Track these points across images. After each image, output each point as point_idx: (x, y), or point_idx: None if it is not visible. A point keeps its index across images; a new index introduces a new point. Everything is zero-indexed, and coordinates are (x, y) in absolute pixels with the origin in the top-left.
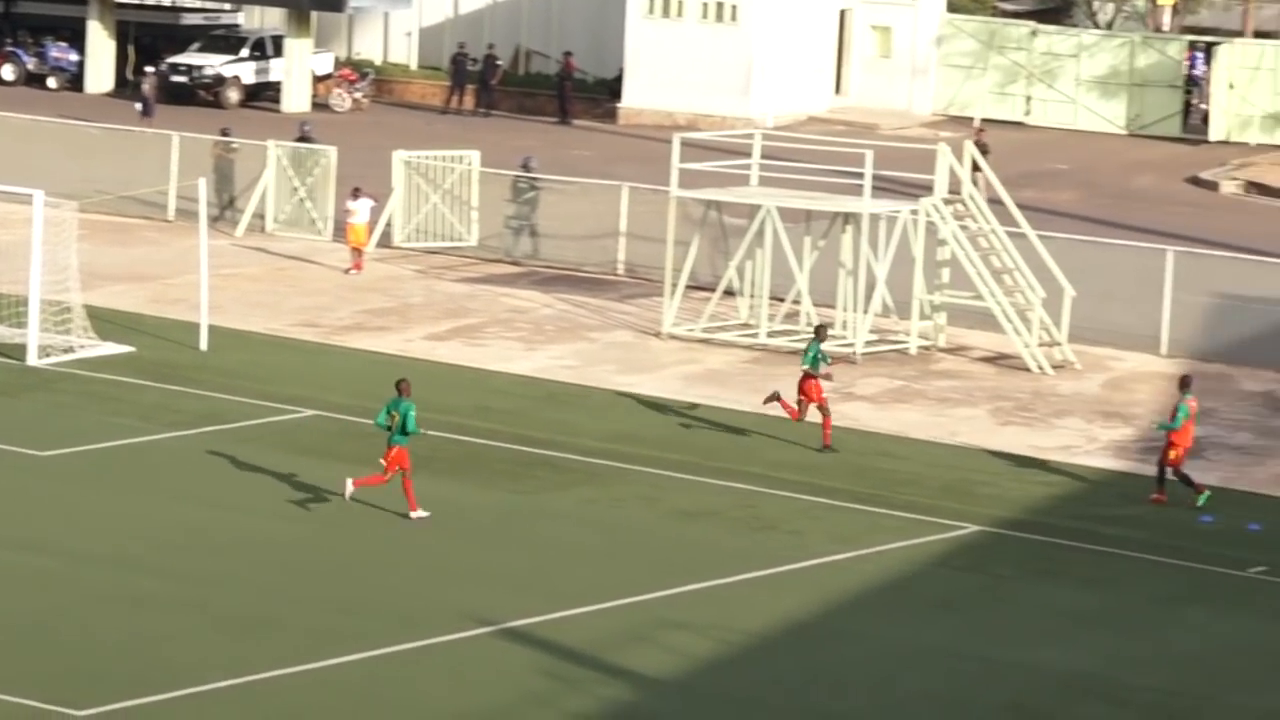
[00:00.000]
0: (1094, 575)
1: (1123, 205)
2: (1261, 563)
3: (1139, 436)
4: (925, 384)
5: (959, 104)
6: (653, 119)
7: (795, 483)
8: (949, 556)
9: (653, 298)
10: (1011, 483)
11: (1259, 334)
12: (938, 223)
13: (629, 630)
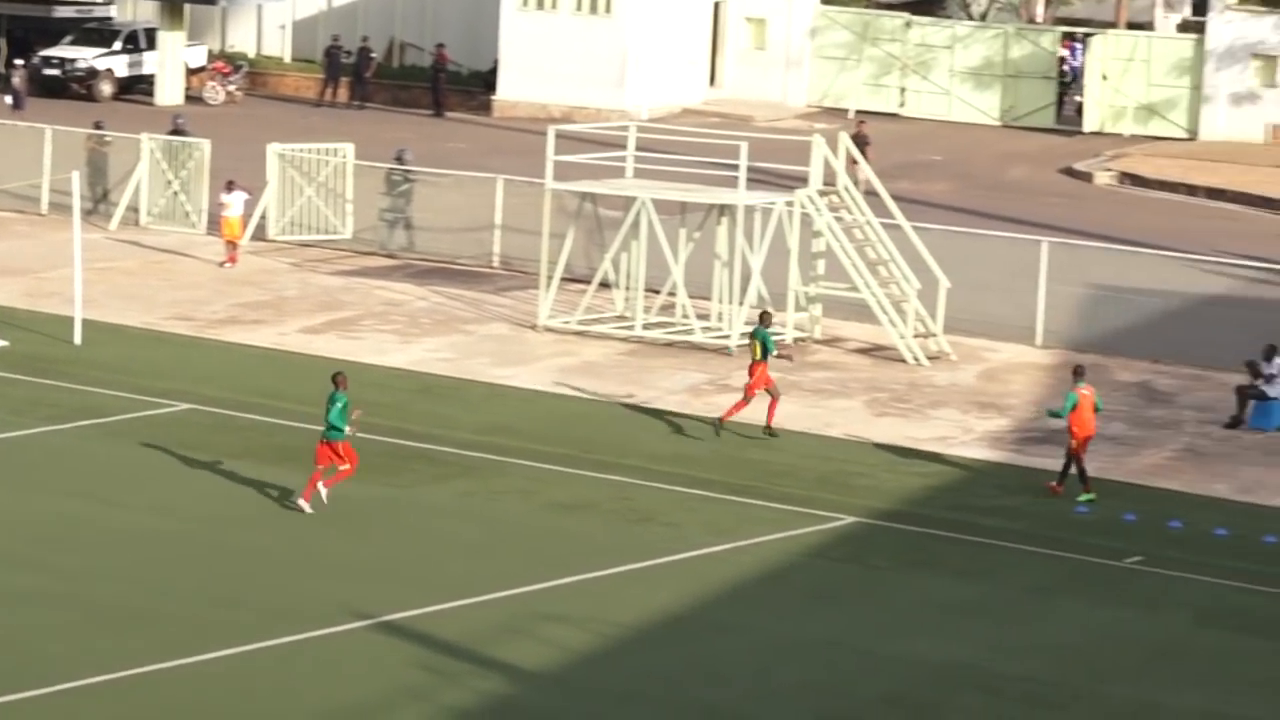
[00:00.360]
0: (970, 566)
1: (997, 196)
2: (1137, 553)
3: (1015, 427)
4: (801, 375)
5: (833, 96)
6: (527, 111)
7: (672, 475)
8: (826, 548)
9: (528, 290)
10: (887, 474)
11: (1133, 325)
12: (813, 214)
13: (505, 623)
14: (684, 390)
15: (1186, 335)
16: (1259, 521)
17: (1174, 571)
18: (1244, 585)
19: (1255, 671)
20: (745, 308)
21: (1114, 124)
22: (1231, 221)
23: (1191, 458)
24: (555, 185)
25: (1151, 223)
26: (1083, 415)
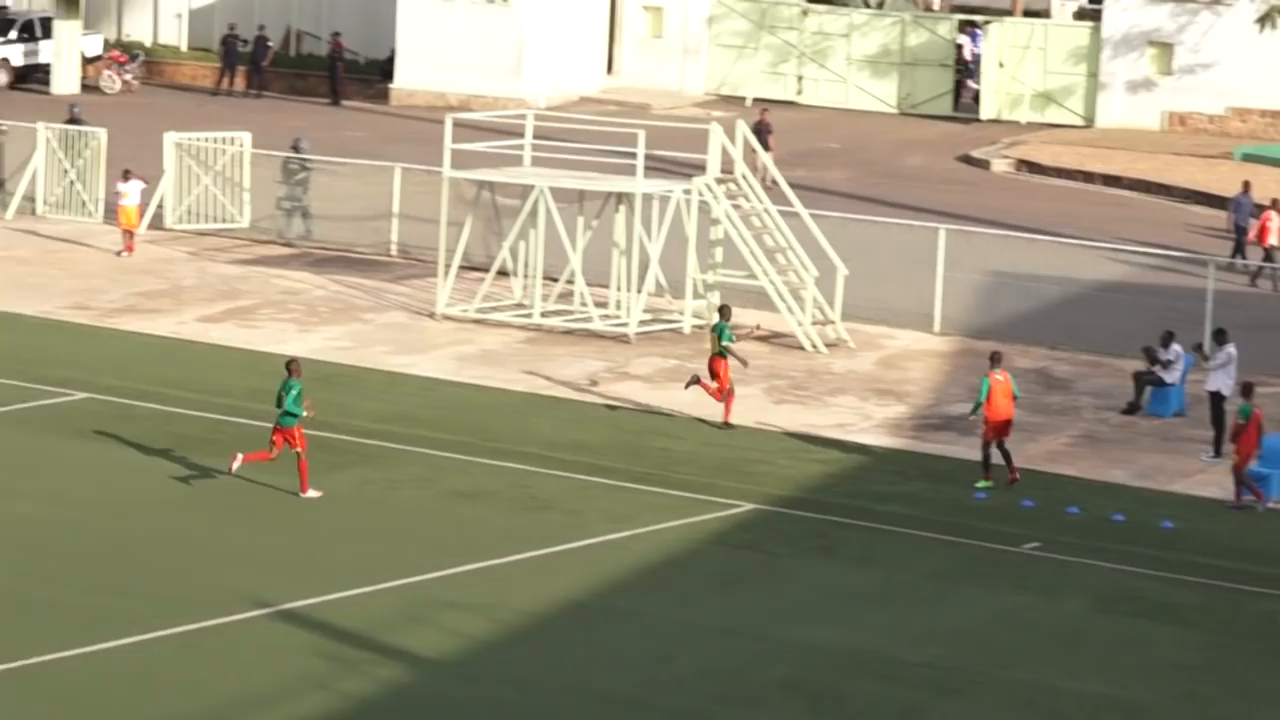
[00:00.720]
0: (869, 552)
1: (895, 184)
2: (1035, 539)
3: (913, 414)
4: (699, 363)
5: (731, 84)
6: (425, 100)
7: (571, 463)
8: (725, 535)
9: (426, 279)
10: (787, 461)
11: (1030, 311)
12: (710, 202)
13: (405, 611)
14: (583, 377)
15: (1084, 321)
16: (1156, 507)
17: (1072, 557)
18: (1141, 570)
19: (1152, 656)
20: (644, 295)
21: (1011, 111)
22: (1127, 208)
23: (1089, 444)
24: (453, 173)
25: (1048, 210)
26: (995, 400)
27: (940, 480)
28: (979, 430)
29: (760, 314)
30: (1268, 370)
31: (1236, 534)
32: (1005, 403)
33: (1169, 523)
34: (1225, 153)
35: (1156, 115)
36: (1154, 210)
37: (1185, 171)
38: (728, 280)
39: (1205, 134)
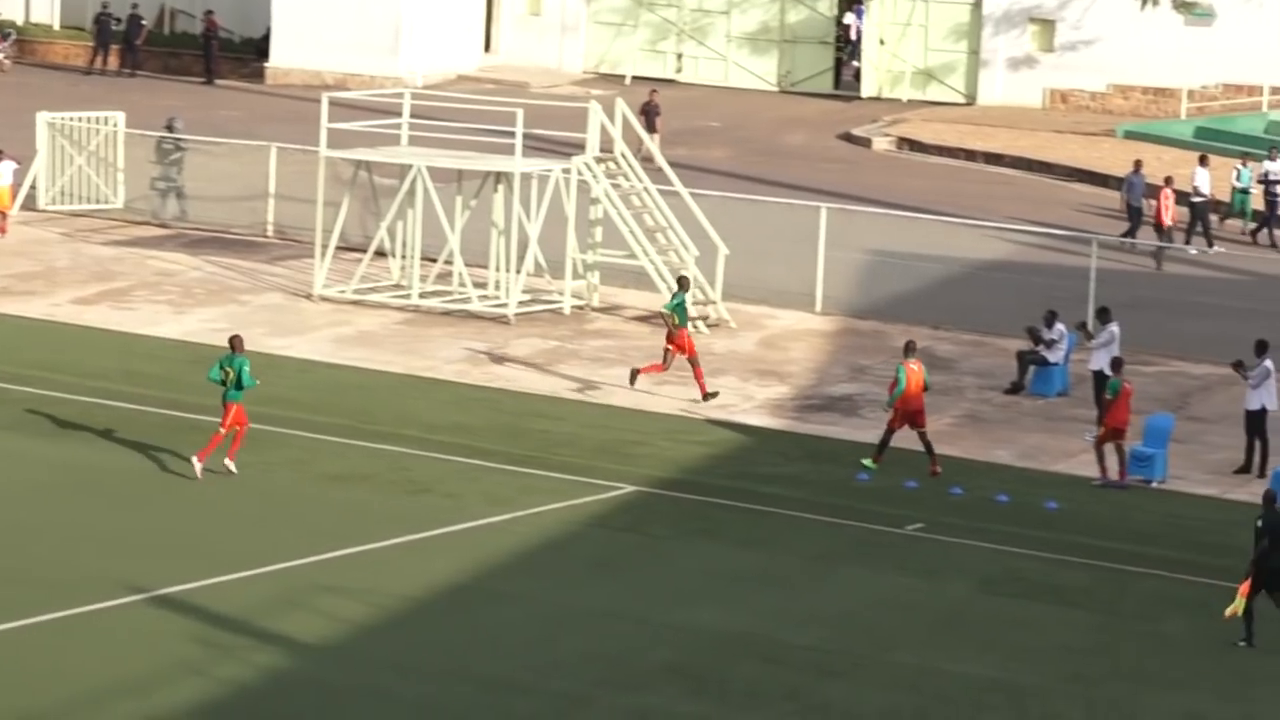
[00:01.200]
0: (751, 535)
1: (775, 162)
2: (919, 520)
3: (795, 394)
4: (580, 344)
5: (610, 62)
6: (301, 78)
7: (450, 445)
8: (606, 517)
9: (303, 259)
10: (668, 442)
11: (913, 291)
12: (590, 181)
13: (282, 596)
14: (462, 359)
15: (966, 301)
16: (1040, 487)
17: (955, 538)
18: (1025, 551)
19: (1037, 638)
20: (523, 276)
21: (892, 89)
22: (1009, 186)
23: (972, 424)
24: (330, 153)
25: (930, 188)
26: (907, 389)
27: (823, 461)
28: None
29: (640, 294)
30: (1150, 349)
31: (1120, 514)
32: (917, 391)
33: (1053, 503)
34: (1107, 130)
35: (1038, 92)
36: (1036, 188)
37: (1067, 149)
38: (607, 260)
39: (1087, 111)
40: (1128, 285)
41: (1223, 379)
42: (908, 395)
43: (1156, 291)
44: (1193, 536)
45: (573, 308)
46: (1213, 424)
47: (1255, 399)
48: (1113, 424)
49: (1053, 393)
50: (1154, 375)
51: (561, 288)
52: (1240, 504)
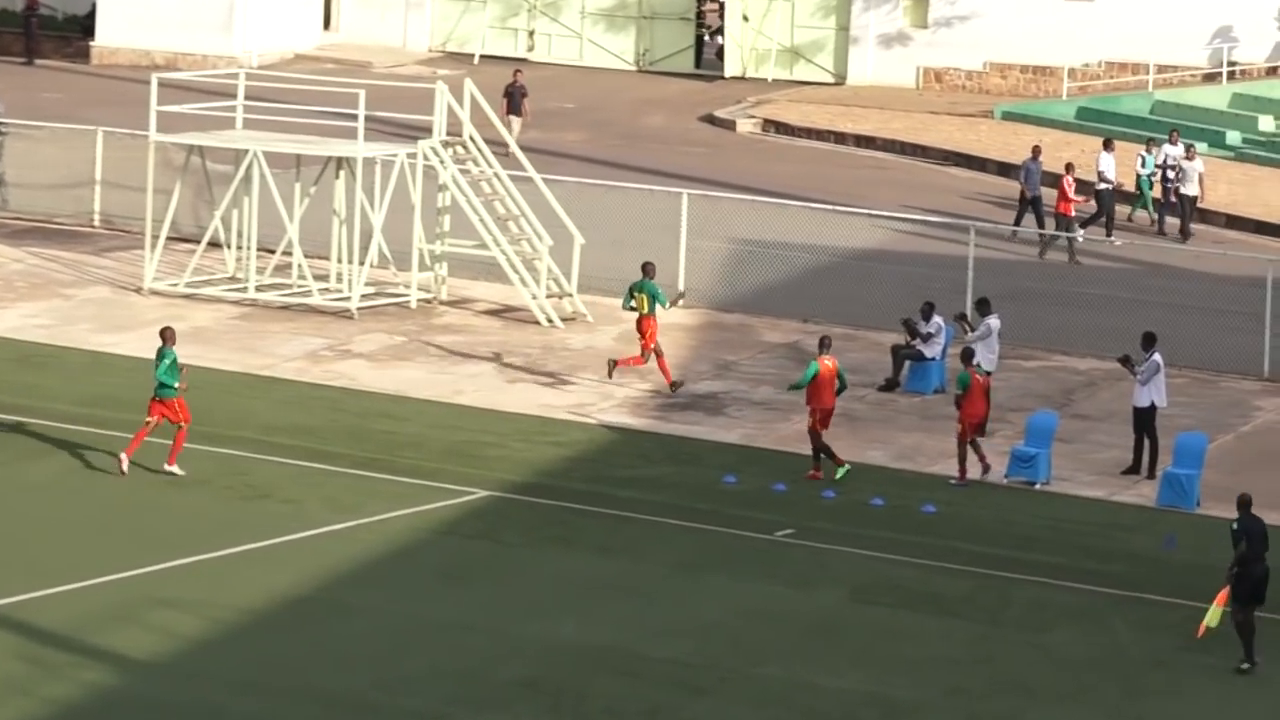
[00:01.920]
0: (610, 541)
1: (634, 146)
2: (788, 525)
3: (656, 392)
4: (427, 339)
5: (457, 39)
6: (129, 58)
7: (289, 448)
8: (456, 524)
9: (133, 251)
10: (521, 444)
11: (781, 281)
12: (437, 167)
13: (112, 609)
14: (302, 356)
15: (837, 292)
16: (917, 490)
17: (828, 544)
18: (901, 558)
19: (915, 649)
20: (366, 267)
21: (757, 69)
22: (881, 170)
23: (845, 423)
24: (160, 137)
25: (798, 173)
26: (820, 387)
27: (686, 463)
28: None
29: (492, 286)
30: (1032, 342)
31: (1002, 518)
32: (830, 391)
33: (931, 506)
34: (985, 111)
35: (911, 71)
36: (910, 173)
37: (943, 131)
38: (456, 251)
39: (963, 91)
40: (1008, 275)
41: (1109, 374)
42: (821, 392)
43: (1039, 282)
44: (1079, 541)
45: (420, 301)
46: (1099, 422)
47: (1144, 395)
48: (970, 418)
49: (930, 390)
50: (1036, 370)
51: (408, 280)
52: (1128, 506)
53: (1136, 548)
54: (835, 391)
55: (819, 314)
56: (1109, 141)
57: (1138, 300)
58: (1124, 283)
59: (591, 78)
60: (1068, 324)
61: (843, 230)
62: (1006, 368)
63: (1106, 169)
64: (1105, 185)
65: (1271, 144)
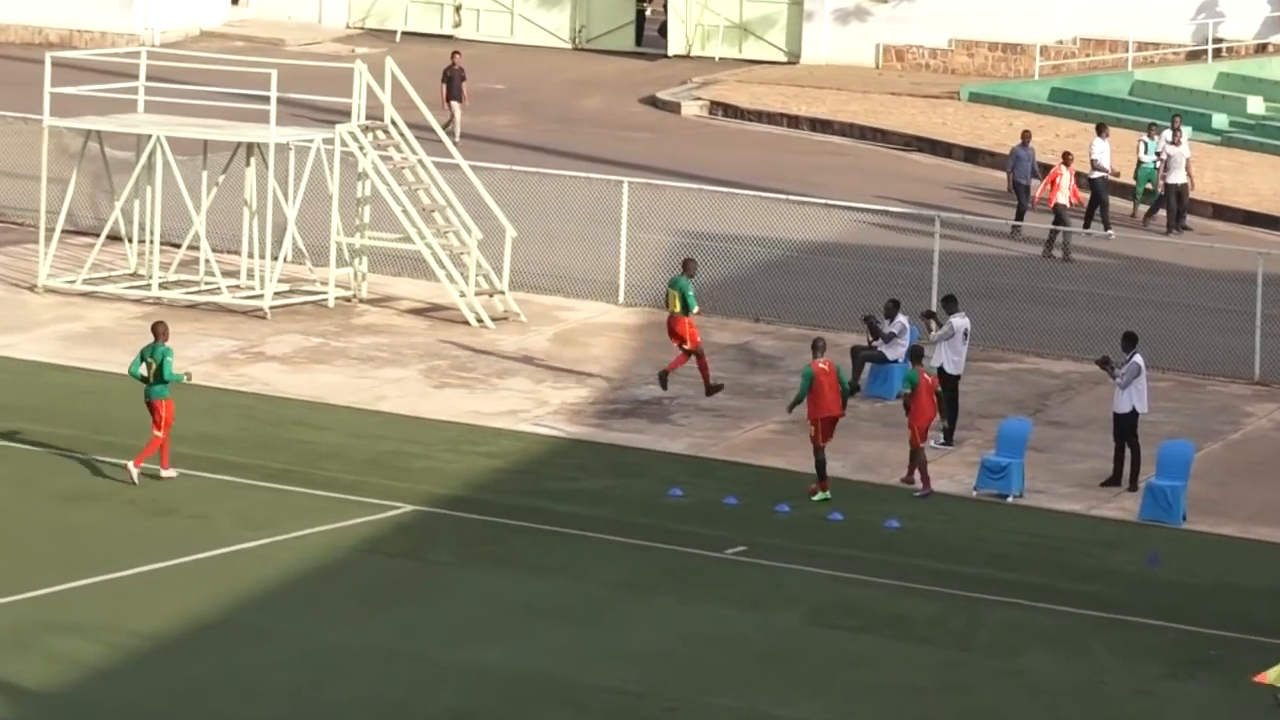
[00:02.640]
0: (547, 560)
1: (570, 130)
2: (740, 542)
3: (596, 398)
4: (347, 341)
5: (377, 15)
6: (19, 35)
7: (197, 458)
8: (379, 541)
9: (25, 245)
10: (450, 454)
11: (729, 278)
12: (356, 153)
13: (4, 636)
14: (211, 359)
15: (792, 289)
16: (878, 503)
17: (783, 563)
18: (863, 577)
19: (876, 677)
20: (280, 263)
21: (703, 46)
22: (840, 156)
23: (800, 431)
24: (54, 122)
25: (748, 159)
26: (819, 394)
27: (629, 475)
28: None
29: (416, 283)
30: (1004, 343)
31: (972, 534)
32: (833, 396)
33: (894, 521)
34: (950, 92)
35: (871, 49)
36: (869, 158)
37: (905, 114)
38: (378, 244)
39: (927, 71)
40: (977, 270)
41: (1087, 377)
42: (824, 401)
43: (1011, 278)
44: (1055, 558)
45: (338, 299)
46: (1076, 429)
47: (1124, 400)
48: (922, 422)
49: (893, 395)
50: (1008, 373)
51: (325, 276)
52: (1108, 521)
53: (1117, 566)
54: (840, 397)
55: (770, 313)
56: (1102, 126)
57: (1118, 297)
58: (1103, 279)
59: (523, 56)
60: (1042, 323)
61: (797, 221)
62: (976, 370)
63: (1101, 156)
64: (1100, 174)
65: (1261, 127)
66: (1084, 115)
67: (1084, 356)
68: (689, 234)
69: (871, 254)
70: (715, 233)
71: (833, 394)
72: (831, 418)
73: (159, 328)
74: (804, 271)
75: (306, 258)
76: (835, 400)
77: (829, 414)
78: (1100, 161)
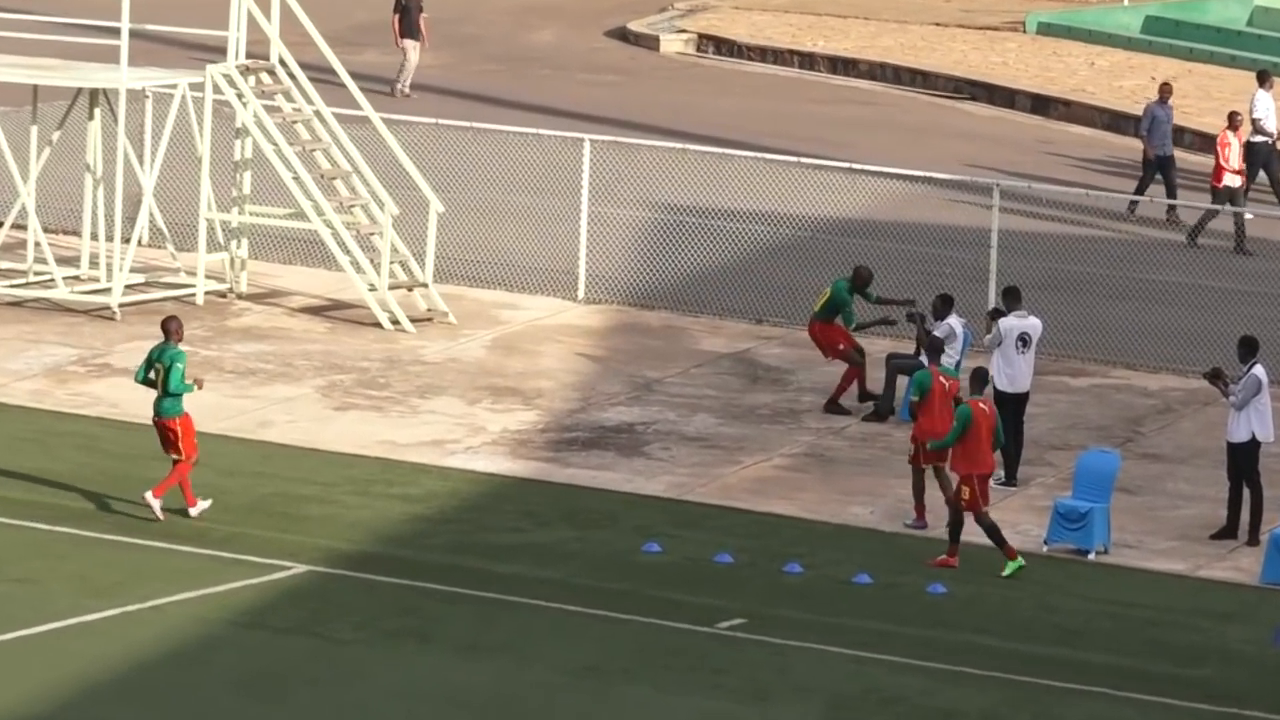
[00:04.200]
0: (482, 637)
1: (515, 73)
2: (737, 613)
3: (548, 424)
4: (221, 349)
5: None
6: None
7: (24, 504)
8: (263, 612)
9: None
10: (355, 497)
11: (723, 266)
12: (233, 102)
13: None
14: (41, 373)
15: (804, 281)
16: (918, 563)
17: (794, 640)
18: (898, 659)
19: None
20: (132, 247)
21: None
22: (868, 107)
23: (816, 466)
24: None
25: (749, 110)
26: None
27: (591, 525)
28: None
29: (312, 273)
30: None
31: (1042, 602)
32: (987, 447)
33: (939, 586)
34: (1013, 22)
35: None
36: (908, 110)
37: (954, 51)
38: (262, 222)
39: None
40: (1047, 254)
41: (1193, 395)
42: (976, 451)
43: (1092, 265)
44: (1150, 634)
45: (209, 295)
46: (1178, 464)
47: (1241, 425)
48: (927, 438)
49: None
50: (1089, 391)
51: (192, 264)
52: (1221, 585)
53: (1232, 644)
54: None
55: (776, 313)
56: (1265, 75)
57: (1234, 291)
58: (1216, 267)
59: None
60: (1134, 325)
61: (812, 192)
62: (1046, 387)
63: (1264, 115)
64: (1263, 138)
65: None
66: (1187, 52)
67: (1189, 369)
68: (670, 208)
69: (909, 234)
70: (705, 207)
71: (988, 443)
72: (987, 474)
73: (170, 324)
74: (821, 258)
75: (168, 240)
76: (990, 451)
77: (985, 470)
78: (1263, 122)
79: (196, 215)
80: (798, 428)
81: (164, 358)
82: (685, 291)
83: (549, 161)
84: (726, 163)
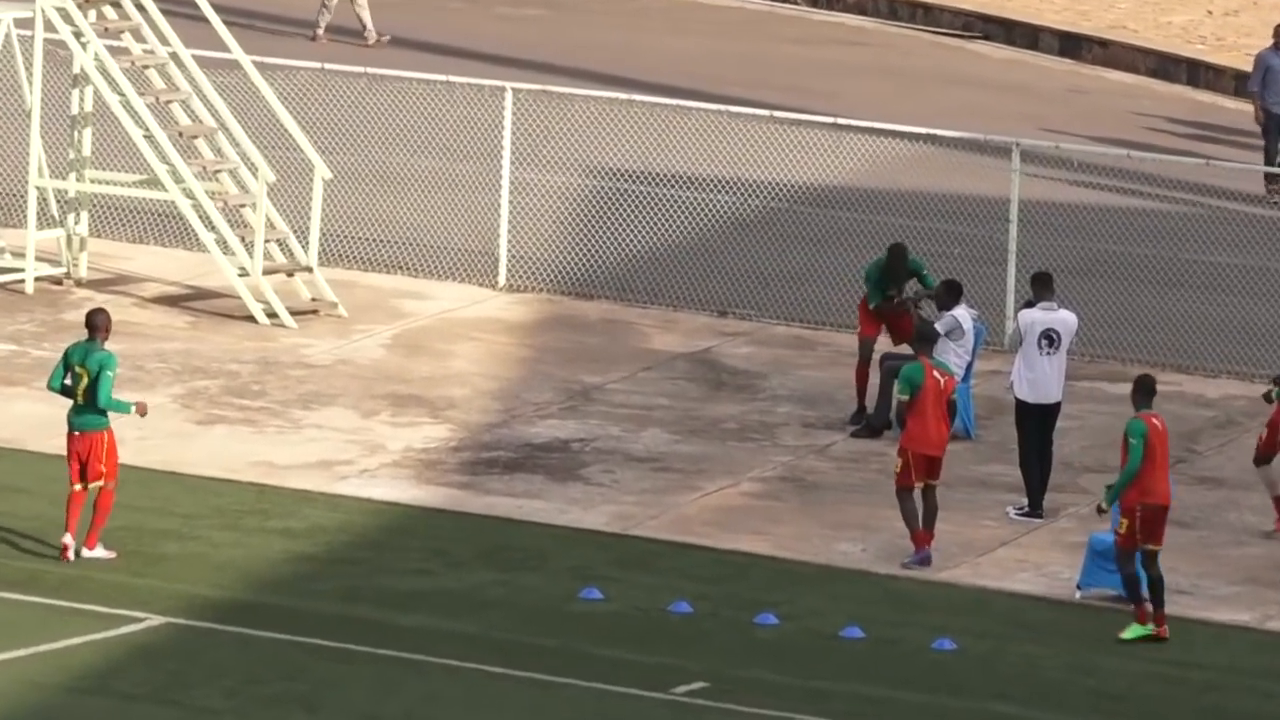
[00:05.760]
0: (383, 707)
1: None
2: (698, 675)
3: (461, 440)
4: (55, 347)
5: None
6: None
7: None
8: (110, 674)
9: None
10: (225, 532)
11: (675, 246)
12: (70, 42)
13: None
14: None
15: (779, 266)
16: (920, 612)
17: (767, 709)
18: None
19: None
20: None
21: None
22: (858, 47)
23: (793, 492)
24: None
25: (709, 51)
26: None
27: (517, 566)
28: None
29: (170, 254)
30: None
31: (1074, 660)
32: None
33: (946, 641)
34: None
35: None
36: (908, 51)
37: None
38: (106, 190)
39: None
40: (1078, 233)
41: (1258, 406)
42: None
43: (1133, 244)
44: (1207, 700)
45: (40, 280)
46: (1242, 490)
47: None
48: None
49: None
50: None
51: (19, 243)
52: None
53: None
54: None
55: (746, 303)
56: None
57: None
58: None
59: None
60: (1188, 318)
61: (789, 153)
62: (1079, 396)
63: None
64: None
65: None
66: None
67: (1257, 373)
68: (612, 173)
69: (909, 205)
70: (655, 172)
71: (1165, 468)
72: (1166, 506)
73: (98, 319)
74: (800, 234)
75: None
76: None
77: (1161, 501)
78: None
79: (25, 183)
80: (771, 445)
81: (89, 361)
82: (631, 277)
83: (462, 116)
84: (682, 117)
